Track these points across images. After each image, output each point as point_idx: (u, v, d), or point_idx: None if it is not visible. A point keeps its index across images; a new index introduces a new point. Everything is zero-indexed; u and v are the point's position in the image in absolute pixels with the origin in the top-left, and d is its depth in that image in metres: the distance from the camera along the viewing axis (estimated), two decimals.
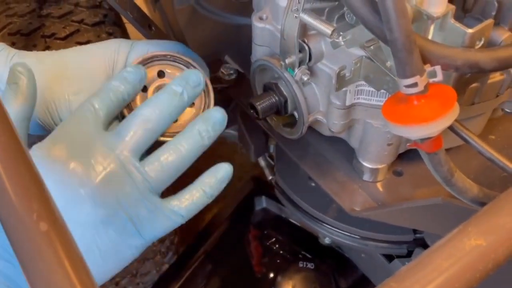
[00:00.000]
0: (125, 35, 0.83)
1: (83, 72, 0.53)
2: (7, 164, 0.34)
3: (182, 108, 0.50)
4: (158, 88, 0.55)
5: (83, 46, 0.56)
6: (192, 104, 0.56)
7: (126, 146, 0.46)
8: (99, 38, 0.76)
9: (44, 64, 0.53)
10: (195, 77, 0.51)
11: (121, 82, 0.49)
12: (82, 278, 0.30)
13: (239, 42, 0.80)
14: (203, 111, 0.56)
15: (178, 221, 0.48)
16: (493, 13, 0.43)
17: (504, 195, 0.36)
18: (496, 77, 0.50)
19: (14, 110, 0.45)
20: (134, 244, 0.47)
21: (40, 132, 0.55)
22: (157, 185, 0.47)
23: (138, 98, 0.54)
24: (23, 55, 0.52)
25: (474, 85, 0.50)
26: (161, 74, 0.56)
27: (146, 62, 0.55)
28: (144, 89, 0.55)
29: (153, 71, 0.56)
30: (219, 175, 0.50)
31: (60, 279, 0.30)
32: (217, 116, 0.50)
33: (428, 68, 0.37)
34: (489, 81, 0.50)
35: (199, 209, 0.50)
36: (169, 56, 0.57)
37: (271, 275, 0.86)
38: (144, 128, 0.47)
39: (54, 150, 0.45)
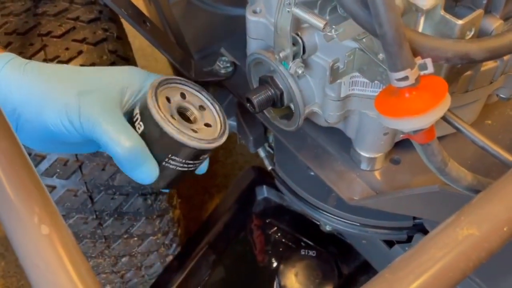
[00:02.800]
0: (121, 30, 0.83)
1: (98, 83, 0.54)
2: (8, 168, 0.35)
3: None
4: (179, 105, 0.58)
5: (101, 67, 0.58)
6: (209, 125, 0.58)
7: None
8: (95, 35, 0.76)
9: (59, 74, 0.54)
10: None
11: None
12: (85, 279, 0.31)
13: (235, 34, 0.80)
14: (218, 135, 0.58)
15: None
16: (484, 2, 0.43)
17: (496, 184, 0.37)
18: (489, 64, 0.50)
19: None
20: None
21: (49, 142, 0.55)
22: None
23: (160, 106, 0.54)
24: (37, 66, 0.53)
25: (467, 73, 0.50)
26: (182, 96, 0.59)
27: (167, 81, 0.57)
28: (168, 100, 0.57)
29: (175, 91, 0.58)
30: None
31: (63, 281, 0.31)
32: None
33: (419, 60, 0.37)
34: (482, 68, 0.50)
35: None
36: (188, 82, 0.60)
37: (274, 263, 0.87)
38: None
39: None
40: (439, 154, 0.41)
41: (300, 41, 0.51)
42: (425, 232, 0.69)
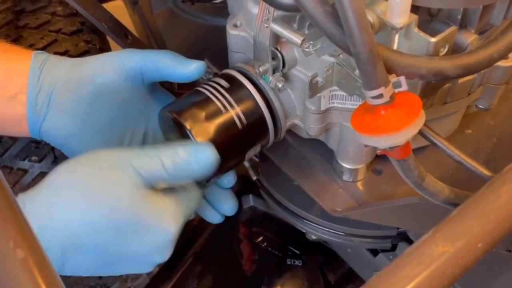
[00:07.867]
0: (103, 42, 0.83)
1: None
2: None
3: None
4: None
5: None
6: None
7: None
8: (77, 47, 0.76)
9: None
10: None
11: None
12: None
13: (218, 44, 0.80)
14: None
15: None
16: (459, 17, 0.44)
17: (471, 199, 0.38)
18: (467, 77, 0.51)
19: None
20: None
21: None
22: None
23: None
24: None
25: (445, 86, 0.51)
26: None
27: None
28: None
29: None
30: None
31: None
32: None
33: (393, 78, 0.38)
34: (460, 81, 0.51)
35: None
36: None
37: (260, 273, 0.87)
38: None
39: None
40: (415, 169, 0.41)
41: (279, 55, 0.52)
42: (409, 240, 0.70)
